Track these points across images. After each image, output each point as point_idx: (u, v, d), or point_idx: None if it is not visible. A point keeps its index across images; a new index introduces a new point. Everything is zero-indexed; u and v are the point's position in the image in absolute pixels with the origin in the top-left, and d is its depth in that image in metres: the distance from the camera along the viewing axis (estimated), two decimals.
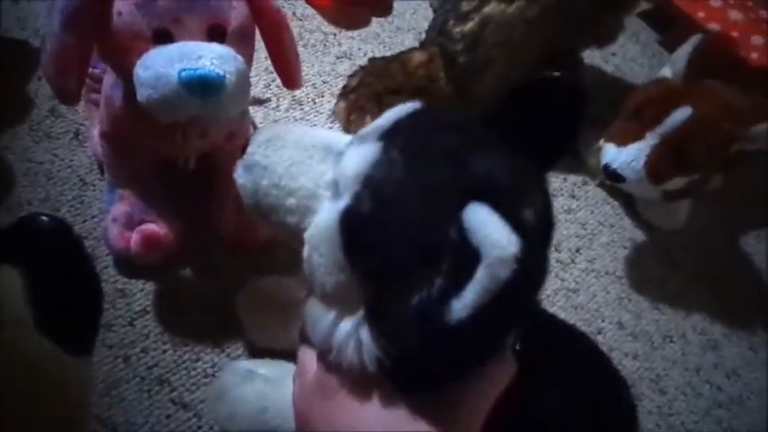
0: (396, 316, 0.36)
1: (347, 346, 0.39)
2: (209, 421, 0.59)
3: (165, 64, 0.50)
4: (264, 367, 0.58)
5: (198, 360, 0.63)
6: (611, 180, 0.73)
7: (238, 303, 0.63)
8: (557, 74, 0.42)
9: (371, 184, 0.37)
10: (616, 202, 0.86)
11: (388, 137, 0.39)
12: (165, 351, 0.63)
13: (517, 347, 0.43)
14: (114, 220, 0.64)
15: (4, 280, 0.35)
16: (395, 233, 0.36)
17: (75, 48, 0.52)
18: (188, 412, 0.60)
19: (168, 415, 0.60)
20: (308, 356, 0.45)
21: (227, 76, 0.51)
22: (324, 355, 0.42)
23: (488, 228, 0.32)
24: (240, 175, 0.44)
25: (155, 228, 0.63)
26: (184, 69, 0.50)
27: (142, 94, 0.51)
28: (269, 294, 0.63)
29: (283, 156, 0.42)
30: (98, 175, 0.71)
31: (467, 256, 0.33)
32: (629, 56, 1.09)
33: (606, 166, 0.72)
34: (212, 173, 0.69)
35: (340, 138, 0.43)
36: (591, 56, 1.00)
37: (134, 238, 0.63)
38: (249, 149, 0.44)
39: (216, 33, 0.54)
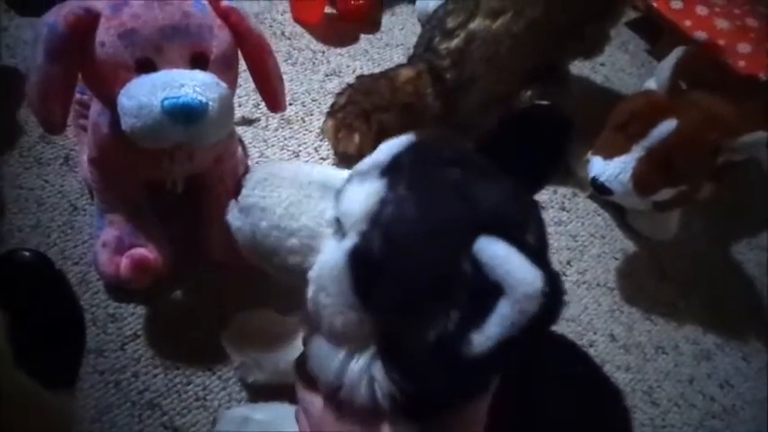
0: (412, 351, 0.36)
1: (360, 384, 0.39)
2: None
3: (148, 93, 0.51)
4: (260, 412, 0.57)
5: (189, 383, 0.63)
6: (600, 193, 0.74)
7: (224, 340, 0.63)
8: (544, 103, 0.42)
9: (381, 222, 0.37)
10: (606, 214, 0.86)
11: (391, 173, 0.39)
12: (156, 375, 0.63)
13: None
14: (104, 246, 0.64)
15: None
16: (407, 270, 0.36)
17: (58, 78, 0.53)
18: None
19: None
20: (310, 397, 0.45)
21: (210, 103, 0.52)
22: (332, 394, 0.42)
23: (510, 263, 0.32)
24: (236, 218, 0.44)
25: (144, 252, 0.63)
26: (167, 98, 0.50)
27: (126, 123, 0.52)
28: (255, 329, 0.63)
29: (281, 196, 0.42)
30: (89, 200, 0.72)
31: (483, 289, 0.33)
32: (618, 65, 1.09)
33: (594, 179, 0.73)
34: (201, 195, 0.69)
35: (336, 173, 0.43)
36: (579, 66, 1.01)
37: (124, 262, 0.63)
38: (244, 192, 0.43)
39: (199, 61, 0.55)
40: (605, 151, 0.73)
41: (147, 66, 0.53)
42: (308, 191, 0.43)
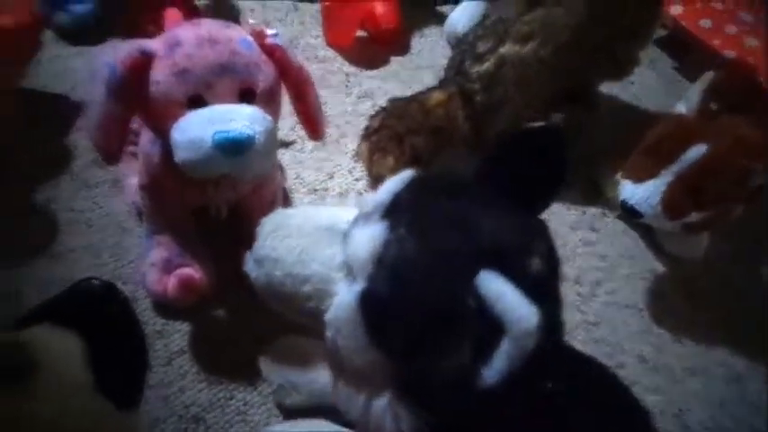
0: (429, 386, 0.38)
1: (384, 421, 0.41)
2: None
3: (200, 128, 0.54)
4: (298, 428, 0.60)
5: (231, 398, 0.66)
6: (629, 215, 0.75)
7: (262, 363, 0.65)
8: (540, 124, 0.44)
9: (384, 264, 0.39)
10: (636, 234, 0.87)
11: (392, 214, 0.41)
12: (200, 390, 0.66)
13: (550, 386, 0.44)
14: (153, 265, 0.67)
15: (67, 344, 0.37)
16: (415, 309, 0.38)
17: (117, 114, 0.56)
18: None
19: None
20: None
21: (257, 136, 0.55)
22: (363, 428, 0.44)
23: (506, 301, 0.34)
24: (252, 269, 0.46)
25: (191, 272, 0.67)
26: (217, 132, 0.53)
27: (179, 156, 0.55)
28: (290, 354, 0.65)
29: (291, 245, 0.44)
30: (136, 222, 0.75)
31: (489, 322, 0.35)
32: (647, 83, 1.10)
33: (624, 202, 0.74)
34: (242, 218, 0.72)
35: (342, 215, 0.45)
36: (608, 85, 1.02)
37: (171, 282, 0.66)
38: (257, 243, 0.46)
39: (246, 95, 0.58)
40: (635, 174, 0.75)
41: (198, 101, 0.56)
42: (317, 237, 0.45)
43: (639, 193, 0.73)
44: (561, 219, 0.87)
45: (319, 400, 0.62)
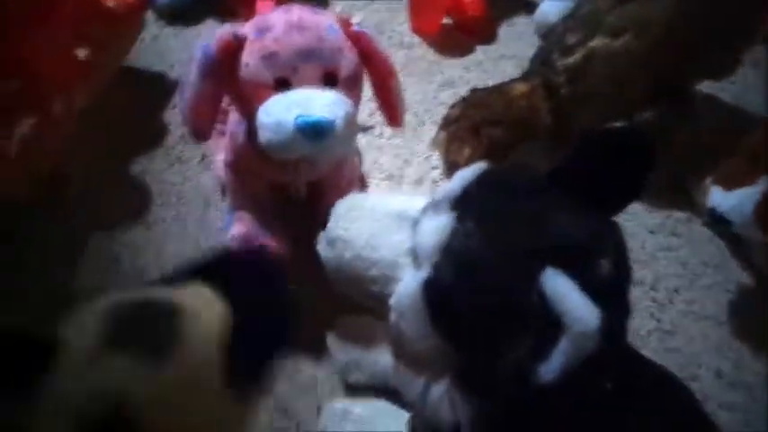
0: (486, 377, 0.38)
1: (441, 407, 0.42)
2: (307, 430, 0.64)
3: (284, 110, 0.56)
4: (358, 407, 0.62)
5: (299, 372, 0.69)
6: (717, 224, 0.71)
7: (329, 340, 0.68)
8: (625, 125, 0.42)
9: (450, 254, 0.39)
10: (722, 243, 0.83)
11: (461, 205, 0.41)
12: None
13: (609, 387, 0.44)
14: (233, 239, 0.71)
15: (213, 319, 0.35)
16: (477, 301, 0.38)
17: (208, 94, 0.60)
18: (289, 420, 0.66)
19: (271, 421, 0.66)
20: None
21: (338, 120, 0.56)
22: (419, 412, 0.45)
23: (569, 300, 0.34)
24: (323, 249, 0.48)
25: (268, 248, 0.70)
26: (300, 116, 0.55)
27: (263, 137, 0.58)
28: (357, 333, 0.67)
29: (362, 228, 0.46)
30: (220, 197, 0.79)
31: (550, 320, 0.35)
32: (749, 84, 1.03)
33: (712, 210, 0.70)
34: (319, 199, 0.74)
35: (413, 203, 0.46)
36: (707, 84, 0.96)
37: None
38: (330, 224, 0.47)
39: (329, 80, 0.59)
40: (728, 180, 0.71)
41: (284, 84, 0.58)
42: (387, 222, 0.46)
43: (731, 200, 0.69)
44: (642, 221, 0.83)
45: (382, 380, 0.64)
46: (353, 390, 0.67)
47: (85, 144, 0.78)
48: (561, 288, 0.35)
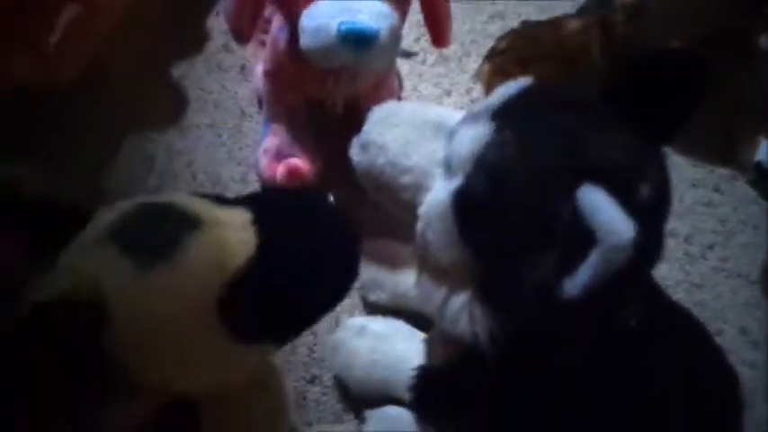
0: (510, 291, 0.38)
1: (460, 319, 0.41)
2: (323, 355, 0.66)
3: (328, 15, 0.55)
4: (376, 324, 0.62)
5: None
6: (763, 179, 0.69)
7: None
8: (681, 47, 0.39)
9: (484, 165, 0.38)
10: (765, 204, 0.80)
11: (501, 116, 0.40)
12: None
13: (632, 323, 0.43)
14: (266, 152, 0.71)
15: (229, 248, 0.33)
16: (508, 213, 0.38)
17: None
18: (306, 346, 0.67)
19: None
20: None
21: (381, 31, 0.55)
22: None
23: (604, 212, 0.33)
24: (356, 154, 0.47)
25: (298, 162, 0.70)
26: (343, 22, 0.54)
27: (304, 42, 0.57)
28: (382, 254, 0.67)
29: (397, 134, 0.45)
30: (256, 109, 0.79)
31: (580, 236, 0.35)
32: None
33: (759, 164, 0.68)
34: (355, 118, 0.73)
35: (452, 115, 0.45)
36: None
37: (280, 169, 0.70)
38: (365, 128, 0.47)
39: None
40: None
41: None
42: (423, 130, 0.45)
43: None
44: (683, 173, 0.81)
45: (402, 301, 0.64)
46: (373, 308, 0.68)
47: (127, 44, 0.78)
48: (597, 200, 0.34)
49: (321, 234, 0.37)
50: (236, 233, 0.33)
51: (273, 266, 0.34)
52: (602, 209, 0.33)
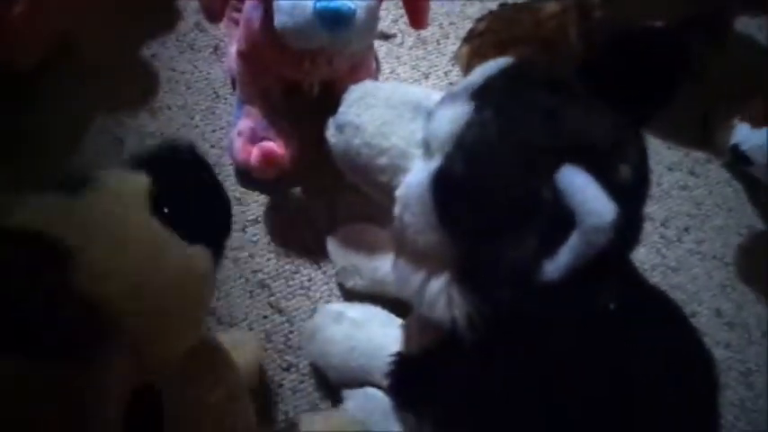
0: (488, 274, 0.37)
1: (438, 303, 0.41)
2: (299, 342, 0.65)
3: None
4: (353, 310, 0.62)
5: (297, 272, 0.69)
6: (738, 162, 0.69)
7: (330, 244, 0.67)
8: (659, 25, 0.38)
9: (464, 145, 0.38)
10: (740, 186, 0.81)
11: (480, 96, 0.39)
12: (269, 259, 0.69)
13: (611, 307, 0.43)
14: (239, 134, 0.69)
15: (133, 179, 0.37)
16: (487, 194, 0.37)
17: None
18: (282, 317, 0.67)
19: (265, 316, 0.66)
20: None
21: (358, 10, 0.54)
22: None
23: (585, 193, 0.33)
24: (332, 135, 0.46)
25: (273, 146, 0.68)
26: (320, 1, 0.52)
27: (279, 20, 0.55)
28: (358, 239, 0.66)
29: (374, 115, 0.44)
30: (230, 90, 0.77)
31: (560, 217, 0.34)
32: None
33: (735, 146, 0.68)
34: (332, 101, 0.72)
35: (430, 95, 0.44)
36: (745, 23, 0.92)
37: (254, 152, 0.68)
38: (341, 108, 0.45)
39: None
40: (755, 119, 0.68)
41: None
42: (401, 111, 0.44)
43: (756, 138, 0.67)
44: (660, 157, 0.81)
45: (380, 287, 0.64)
46: (351, 295, 0.67)
47: (95, 22, 0.75)
48: (577, 182, 0.33)
49: (186, 165, 0.42)
50: (127, 174, 0.38)
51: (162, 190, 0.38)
52: (583, 190, 0.33)
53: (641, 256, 0.74)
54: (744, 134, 0.68)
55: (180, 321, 0.37)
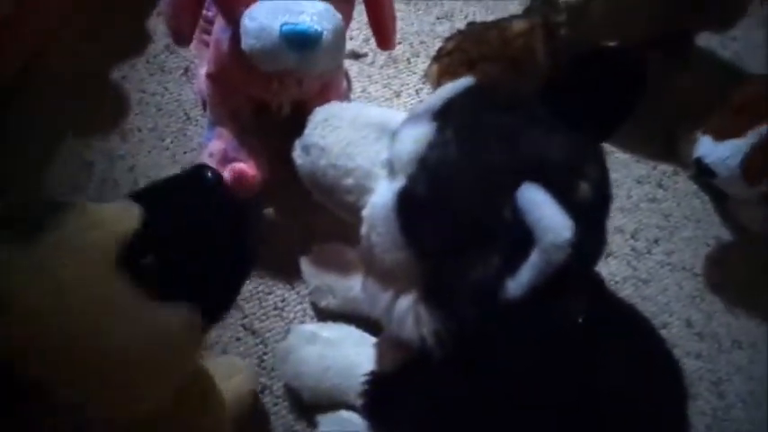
0: (453, 292, 0.38)
1: (406, 321, 0.41)
2: (273, 364, 0.64)
3: (270, 16, 0.53)
4: (326, 330, 0.61)
5: (270, 293, 0.69)
6: (703, 175, 0.71)
7: (303, 264, 0.67)
8: (617, 45, 0.40)
9: (426, 165, 0.38)
10: (707, 197, 0.82)
11: (442, 116, 0.39)
12: None
13: (580, 321, 0.43)
14: (211, 156, 0.69)
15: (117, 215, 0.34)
16: (450, 214, 0.37)
17: None
18: (256, 338, 0.66)
19: (238, 338, 0.66)
20: None
21: (325, 32, 0.54)
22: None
23: (542, 211, 0.33)
24: (299, 156, 0.46)
25: (244, 167, 0.68)
26: (286, 23, 0.53)
27: (246, 43, 0.55)
28: (331, 259, 0.66)
29: (339, 136, 0.44)
30: (200, 112, 0.77)
31: (521, 235, 0.35)
32: (752, 42, 1.00)
33: (699, 160, 0.70)
34: (303, 121, 0.72)
35: (395, 116, 0.45)
36: (707, 39, 0.94)
37: (226, 174, 0.67)
38: (306, 130, 0.46)
39: None
40: (717, 132, 0.70)
41: None
42: (366, 132, 0.44)
43: (719, 151, 0.69)
44: (628, 170, 0.83)
45: (353, 306, 0.64)
46: (325, 314, 0.67)
47: (65, 44, 0.75)
48: (536, 200, 0.34)
49: (202, 202, 0.38)
50: (113, 211, 0.34)
51: (160, 232, 0.35)
52: (541, 207, 0.33)
53: (612, 269, 0.75)
54: (707, 147, 0.69)
55: (141, 380, 0.34)
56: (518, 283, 0.34)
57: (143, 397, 0.35)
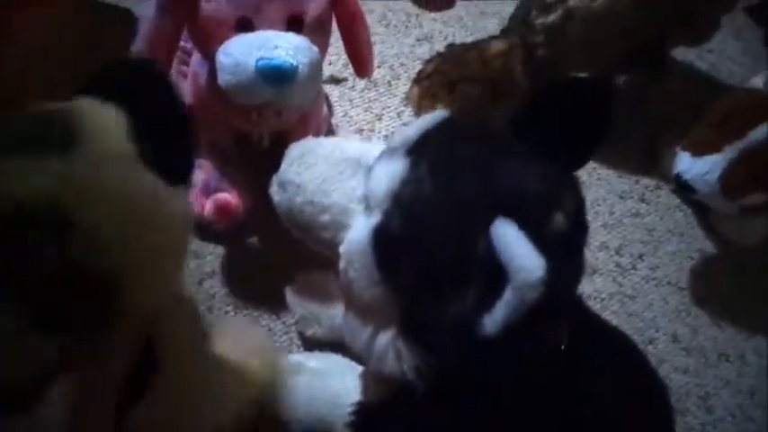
0: (431, 328, 0.38)
1: (386, 357, 0.41)
2: None
3: (245, 52, 0.54)
4: (313, 360, 0.61)
5: (256, 323, 0.68)
6: (682, 190, 0.71)
7: (288, 293, 0.66)
8: (586, 75, 0.40)
9: (400, 202, 0.39)
10: (689, 211, 0.83)
11: (416, 151, 0.40)
12: (227, 312, 0.68)
13: (563, 347, 0.44)
14: (192, 186, 0.69)
15: (108, 117, 0.35)
16: (425, 251, 0.38)
17: (167, 30, 0.57)
18: None
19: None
20: None
21: (300, 66, 0.54)
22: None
23: (514, 249, 0.33)
24: (276, 192, 0.47)
25: (227, 197, 0.68)
26: (261, 59, 0.53)
27: (222, 79, 0.55)
28: (316, 287, 0.66)
29: (315, 172, 0.44)
30: None
31: (496, 271, 0.35)
32: (728, 54, 1.02)
33: (678, 176, 0.70)
34: (284, 151, 0.72)
35: (371, 150, 0.45)
36: (684, 52, 0.95)
37: (208, 205, 0.68)
38: (282, 167, 0.46)
39: (294, 23, 0.57)
40: (695, 147, 0.70)
41: (245, 25, 0.56)
42: (342, 168, 0.44)
43: (697, 167, 0.69)
44: (611, 186, 0.83)
45: (339, 334, 0.63)
46: (311, 343, 0.66)
47: (40, 78, 0.75)
48: (508, 237, 0.34)
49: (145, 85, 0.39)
50: (108, 119, 0.36)
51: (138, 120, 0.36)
52: (512, 246, 0.34)
53: (598, 286, 0.75)
54: (685, 163, 0.70)
55: (170, 265, 0.37)
56: (493, 319, 0.34)
57: (171, 283, 0.39)
